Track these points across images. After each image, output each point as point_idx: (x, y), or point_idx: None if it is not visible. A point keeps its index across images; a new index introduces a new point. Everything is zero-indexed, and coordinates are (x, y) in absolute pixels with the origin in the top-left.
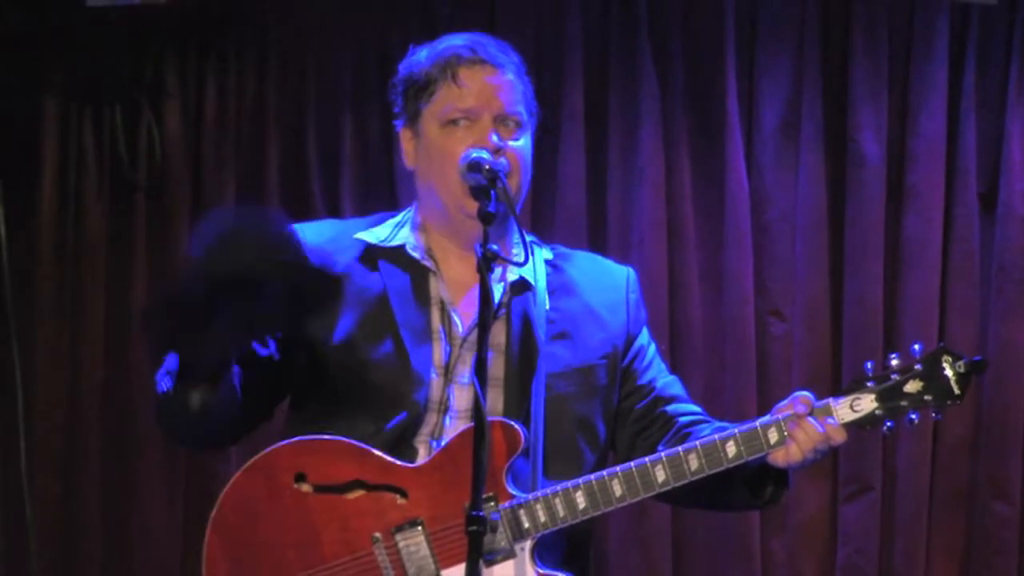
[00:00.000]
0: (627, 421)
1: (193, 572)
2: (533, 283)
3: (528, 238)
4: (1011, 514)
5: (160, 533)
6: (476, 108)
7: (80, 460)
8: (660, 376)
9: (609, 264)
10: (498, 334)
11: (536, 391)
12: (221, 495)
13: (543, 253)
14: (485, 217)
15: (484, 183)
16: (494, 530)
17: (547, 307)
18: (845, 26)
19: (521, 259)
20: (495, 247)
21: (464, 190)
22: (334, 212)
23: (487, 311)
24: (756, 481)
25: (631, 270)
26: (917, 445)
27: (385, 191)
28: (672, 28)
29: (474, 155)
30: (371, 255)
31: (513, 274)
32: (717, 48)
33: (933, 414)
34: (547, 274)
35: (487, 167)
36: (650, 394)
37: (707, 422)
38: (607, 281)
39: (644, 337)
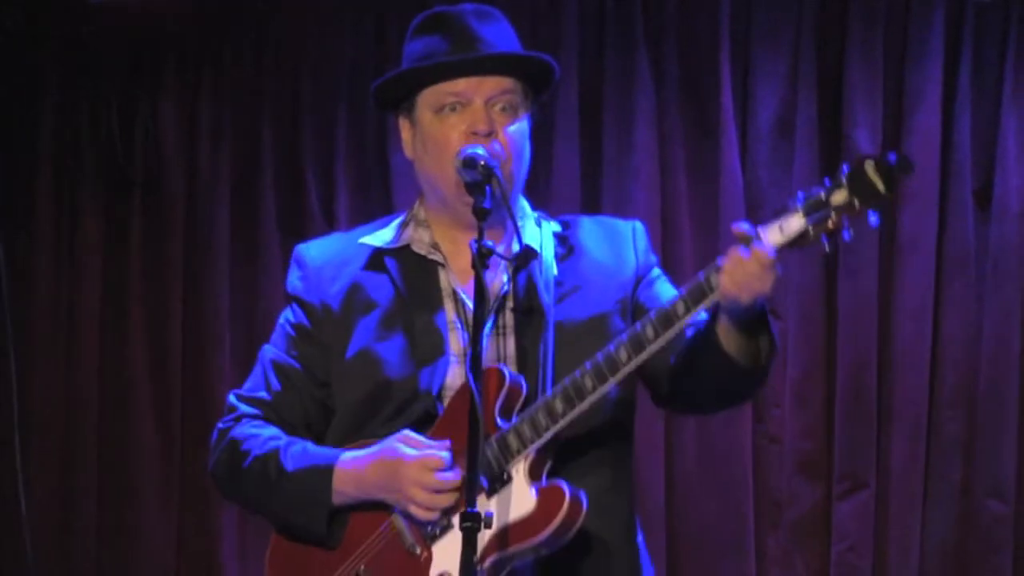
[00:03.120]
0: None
1: (187, 571)
2: (539, 251)
3: (534, 213)
4: (1005, 512)
5: (155, 531)
6: (467, 92)
7: (76, 459)
8: (667, 295)
9: (615, 221)
10: (507, 315)
11: (545, 349)
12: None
13: (551, 226)
14: (479, 213)
15: (479, 180)
16: (488, 526)
17: (555, 272)
18: (840, 23)
19: (534, 241)
20: (490, 243)
21: (460, 183)
22: (328, 207)
23: (482, 307)
24: (744, 344)
25: (638, 222)
26: (911, 443)
27: (380, 187)
28: (667, 26)
29: (468, 151)
30: (378, 259)
31: (516, 246)
32: (712, 45)
33: (869, 219)
34: (554, 244)
35: (482, 163)
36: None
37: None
38: (614, 236)
39: (655, 272)
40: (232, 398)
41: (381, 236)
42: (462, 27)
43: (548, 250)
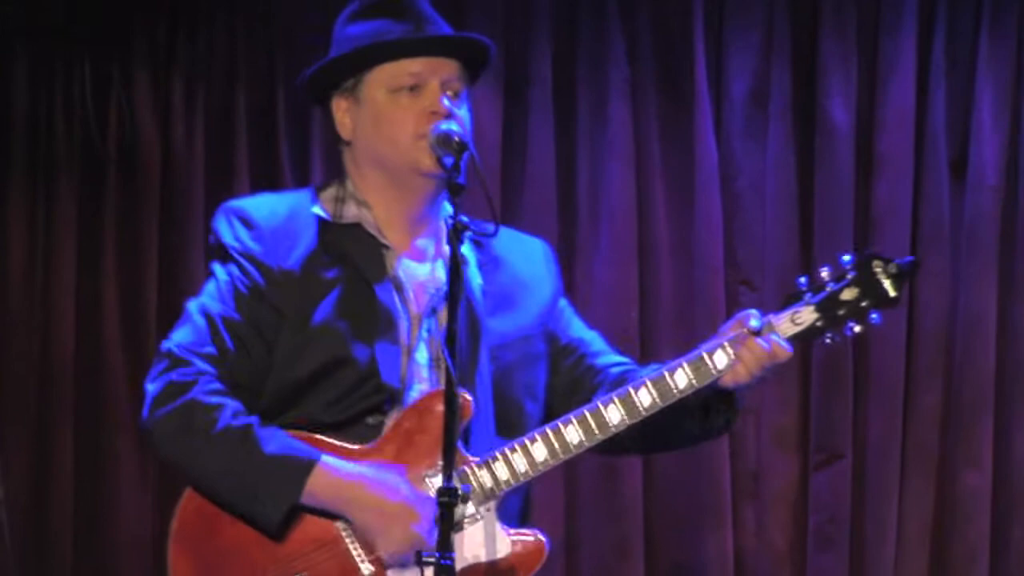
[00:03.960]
0: (558, 381)
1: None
2: (467, 259)
3: (450, 210)
4: (982, 482)
5: (131, 503)
6: (425, 72)
7: (52, 435)
8: (584, 332)
9: (526, 237)
10: (443, 316)
11: (481, 364)
12: (178, 507)
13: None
14: (454, 189)
15: (453, 157)
16: (465, 501)
17: (479, 281)
18: None
19: (490, 231)
20: (465, 218)
21: (418, 148)
22: (304, 182)
23: (458, 283)
24: (704, 411)
25: (545, 242)
26: (887, 414)
27: None
28: None
29: (443, 128)
30: (329, 234)
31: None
32: (685, 18)
33: (872, 318)
34: (474, 250)
35: (456, 140)
36: (576, 351)
37: (635, 370)
38: (530, 254)
39: (563, 301)
40: (177, 350)
41: (321, 209)
42: (414, 10)
43: (471, 256)
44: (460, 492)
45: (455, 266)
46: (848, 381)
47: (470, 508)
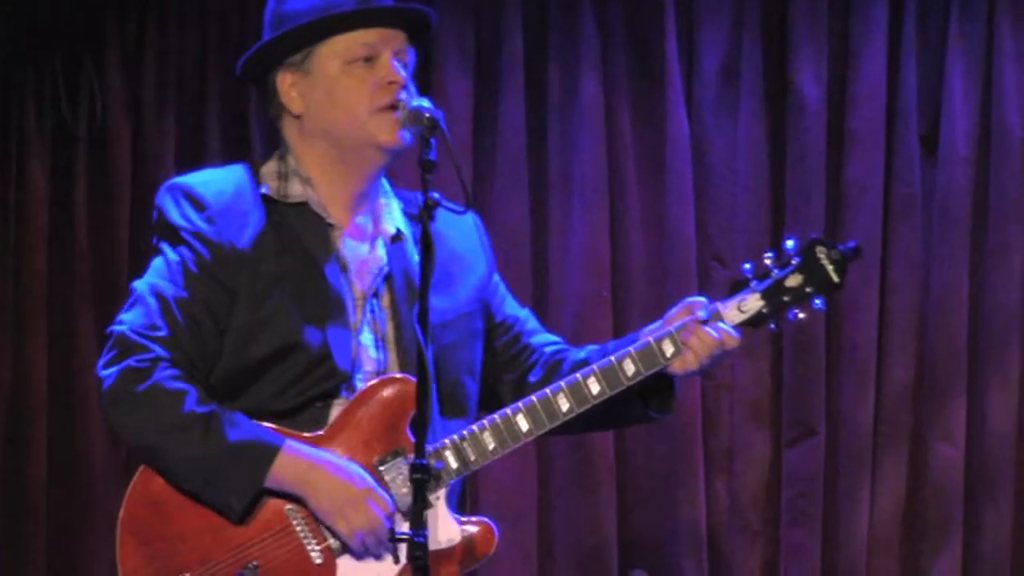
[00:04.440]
0: (492, 358)
1: None
2: (405, 236)
3: (388, 187)
4: (955, 456)
5: (104, 477)
6: (378, 44)
7: (25, 415)
8: (518, 311)
9: (455, 209)
10: (385, 294)
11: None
12: (126, 496)
13: (399, 203)
14: (426, 165)
15: (423, 133)
16: (438, 479)
17: (416, 258)
18: None
19: (401, 224)
20: (436, 195)
21: (377, 122)
22: None
23: (429, 260)
24: (645, 396)
25: (475, 214)
26: (860, 388)
27: None
28: None
29: (415, 104)
30: (277, 213)
31: (391, 227)
32: None
33: (816, 304)
34: (410, 226)
35: (427, 116)
36: (510, 329)
37: (568, 349)
38: (462, 227)
39: (496, 276)
40: (132, 335)
41: (266, 187)
42: None
43: (408, 231)
44: (434, 469)
45: (427, 244)
46: (821, 357)
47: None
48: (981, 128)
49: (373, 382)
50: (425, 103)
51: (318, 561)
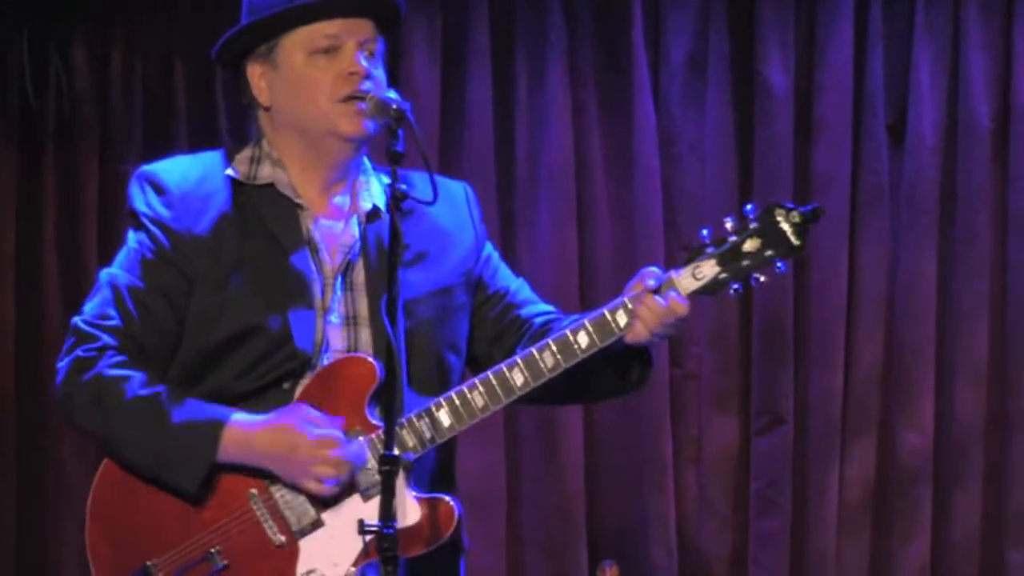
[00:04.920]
0: (483, 331)
1: None
2: (384, 211)
3: (373, 170)
4: (923, 444)
5: (73, 465)
6: (342, 34)
7: None
8: (510, 282)
9: (447, 182)
10: (358, 272)
11: (398, 322)
12: (94, 484)
13: (382, 178)
14: (394, 157)
15: (390, 123)
16: (407, 469)
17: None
18: None
19: (379, 200)
20: (403, 186)
21: (339, 112)
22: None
23: (396, 249)
24: (621, 365)
25: (467, 185)
26: (828, 377)
27: None
28: None
29: (378, 95)
30: (242, 195)
31: (367, 203)
32: None
33: (777, 268)
34: (387, 200)
35: (395, 107)
36: (502, 300)
37: (560, 319)
38: (450, 200)
39: (489, 247)
40: (84, 325)
41: (237, 170)
42: None
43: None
44: (403, 460)
45: (395, 234)
46: (789, 345)
47: (375, 475)
48: (948, 117)
49: (333, 361)
50: (392, 94)
51: (279, 543)
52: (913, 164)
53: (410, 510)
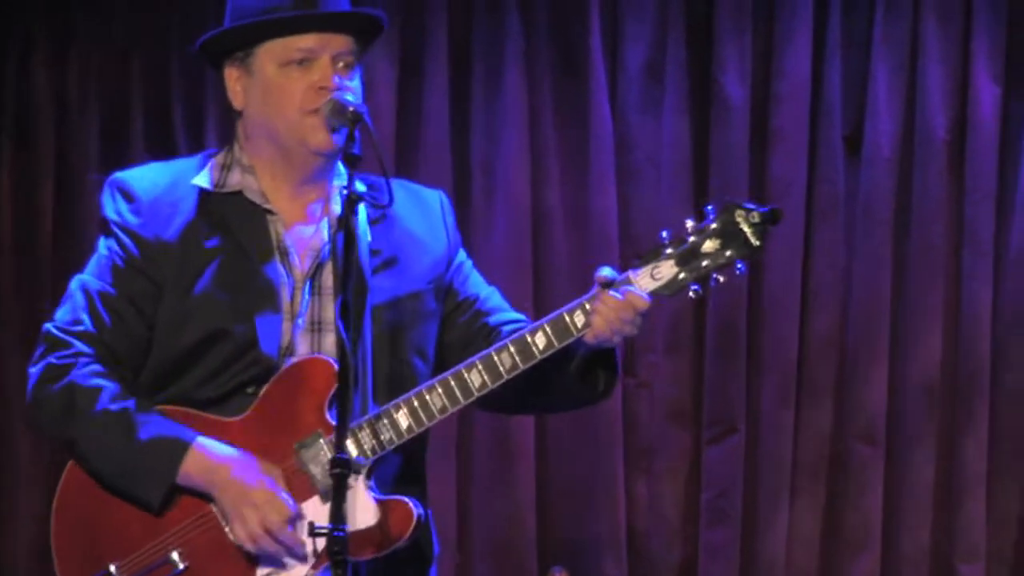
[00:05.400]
0: (452, 337)
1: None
2: (358, 217)
3: (341, 168)
4: (874, 455)
5: (28, 460)
6: (316, 48)
7: None
8: (480, 290)
9: (421, 189)
10: (327, 276)
11: (364, 326)
12: (61, 483)
13: (358, 185)
14: (351, 160)
15: (346, 126)
16: (358, 472)
17: (369, 239)
18: None
19: (402, 204)
20: (360, 189)
21: (308, 126)
22: (197, 152)
23: (352, 253)
24: (588, 372)
25: (442, 193)
26: (781, 388)
27: None
28: None
29: (336, 96)
30: (212, 202)
31: (339, 207)
32: None
33: (738, 269)
34: (366, 207)
35: (351, 110)
36: (472, 307)
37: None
38: (423, 207)
39: (462, 255)
40: (56, 332)
41: (205, 178)
42: None
43: (362, 213)
44: (354, 463)
45: (348, 237)
46: (742, 355)
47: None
48: (905, 129)
49: (294, 363)
50: (349, 96)
51: (239, 544)
52: (869, 175)
53: (367, 512)
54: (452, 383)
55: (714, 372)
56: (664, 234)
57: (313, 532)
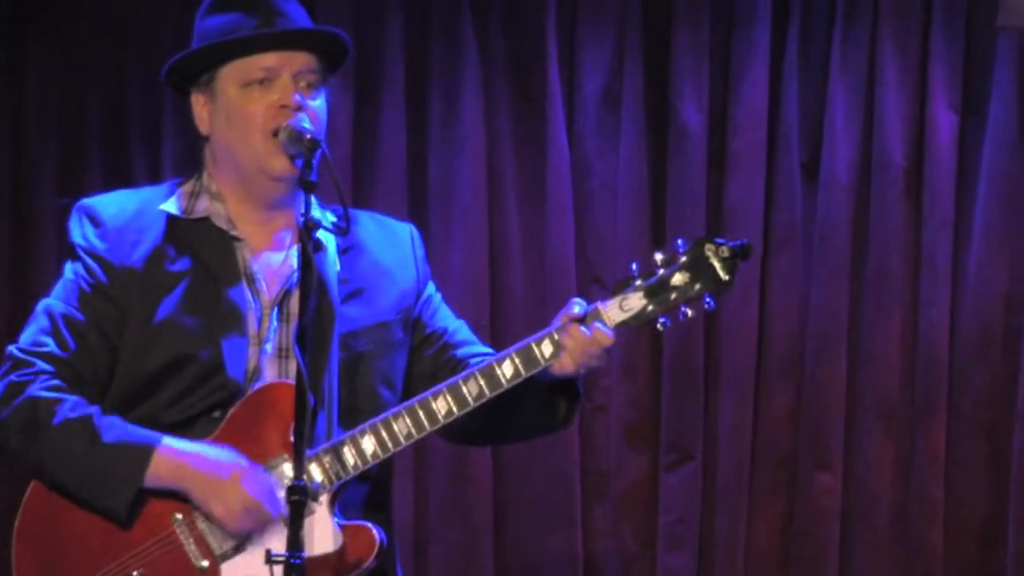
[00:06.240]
0: (420, 369)
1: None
2: (324, 245)
3: (313, 198)
4: (832, 483)
5: None
6: (277, 67)
7: None
8: (449, 322)
9: (392, 222)
10: (294, 303)
11: (331, 352)
12: (22, 505)
13: (327, 216)
14: (307, 186)
15: (304, 153)
16: (315, 498)
17: (338, 268)
18: None
19: (345, 228)
20: (318, 213)
21: (269, 151)
22: (155, 181)
23: (309, 278)
24: (549, 400)
25: (413, 227)
26: (738, 414)
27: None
28: None
29: (294, 124)
30: (179, 229)
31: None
32: (538, 15)
33: (706, 303)
34: (335, 236)
35: (308, 137)
36: (439, 340)
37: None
38: (393, 239)
39: (431, 288)
40: (19, 352)
41: (174, 204)
42: (266, 3)
43: (330, 242)
44: (311, 490)
45: (307, 262)
46: (700, 381)
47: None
48: (862, 156)
49: (259, 388)
50: (306, 123)
51: (202, 567)
52: (826, 202)
53: (327, 538)
54: (418, 410)
55: (671, 397)
56: (634, 266)
57: (270, 560)
